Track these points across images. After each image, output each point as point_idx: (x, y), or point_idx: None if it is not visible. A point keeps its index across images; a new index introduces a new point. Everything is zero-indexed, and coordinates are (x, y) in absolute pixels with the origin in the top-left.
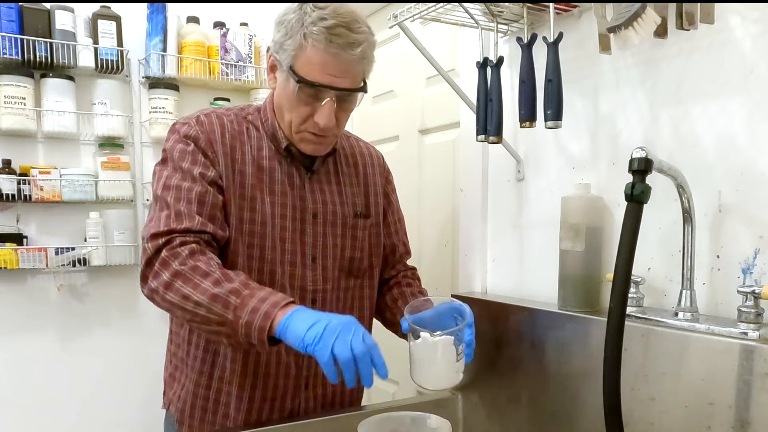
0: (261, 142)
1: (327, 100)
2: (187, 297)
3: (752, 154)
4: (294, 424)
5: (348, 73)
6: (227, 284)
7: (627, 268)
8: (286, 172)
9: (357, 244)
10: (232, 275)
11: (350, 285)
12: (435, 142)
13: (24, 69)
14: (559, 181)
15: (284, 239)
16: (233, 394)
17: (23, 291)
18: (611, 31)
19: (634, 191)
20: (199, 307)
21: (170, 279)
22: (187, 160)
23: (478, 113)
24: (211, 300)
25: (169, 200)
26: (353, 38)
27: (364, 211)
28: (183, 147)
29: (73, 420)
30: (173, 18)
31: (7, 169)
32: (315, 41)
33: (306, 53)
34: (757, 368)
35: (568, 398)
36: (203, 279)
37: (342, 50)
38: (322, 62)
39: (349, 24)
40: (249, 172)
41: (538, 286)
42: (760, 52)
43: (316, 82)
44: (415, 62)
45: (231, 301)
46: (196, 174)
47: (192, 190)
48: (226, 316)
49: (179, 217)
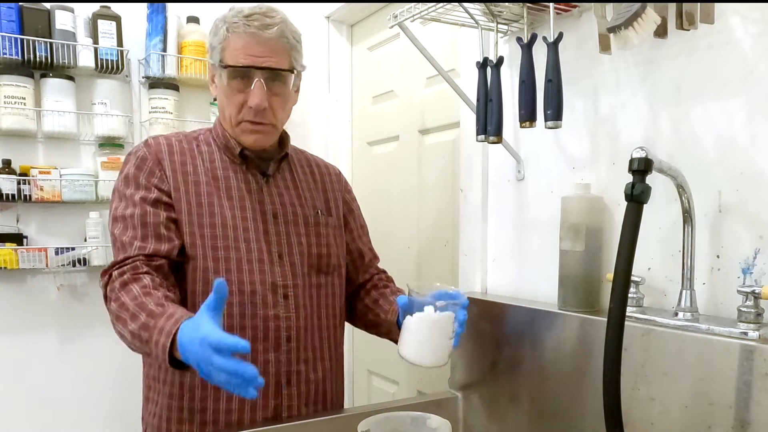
0: (213, 156)
1: (255, 81)
2: (122, 336)
3: (752, 154)
4: (294, 424)
5: (271, 53)
6: (140, 317)
7: (627, 268)
8: (242, 179)
9: (322, 240)
10: (146, 302)
11: (321, 282)
12: (435, 142)
13: (24, 69)
14: (559, 181)
15: (248, 239)
16: (210, 398)
17: (23, 291)
18: (611, 31)
19: (634, 191)
20: (133, 345)
21: (112, 319)
22: (131, 187)
23: (478, 113)
24: (134, 339)
25: (116, 233)
26: (268, 21)
27: (324, 210)
28: (125, 177)
29: (73, 420)
30: (173, 18)
31: (7, 169)
32: (234, 29)
33: (230, 43)
34: (757, 368)
35: (568, 398)
36: (127, 315)
37: (259, 30)
38: (244, 45)
39: (265, 12)
40: (203, 181)
41: (538, 286)
42: (760, 52)
43: (240, 64)
44: (415, 62)
45: (143, 336)
46: (136, 199)
47: (133, 216)
48: (149, 351)
49: (123, 249)
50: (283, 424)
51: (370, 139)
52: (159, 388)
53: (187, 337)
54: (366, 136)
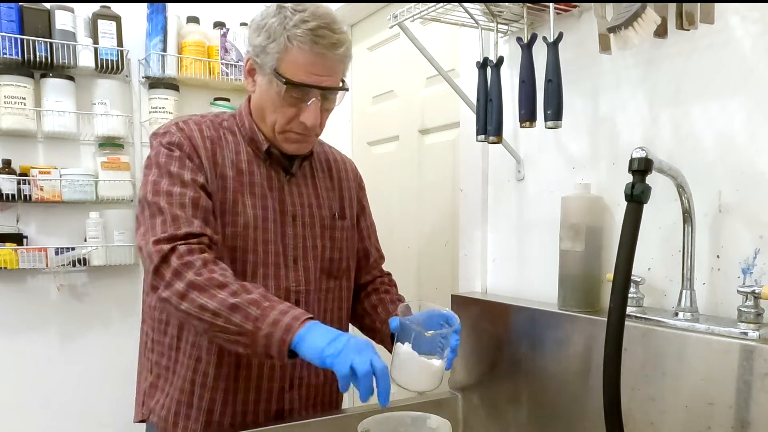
0: (238, 147)
1: (313, 100)
2: (203, 307)
3: (752, 154)
4: (294, 424)
5: (332, 72)
6: (246, 295)
7: (627, 268)
8: (266, 174)
9: (336, 244)
10: (250, 287)
11: (330, 286)
12: (435, 142)
13: (24, 69)
14: (559, 181)
15: (266, 241)
16: (218, 400)
17: (23, 291)
18: (611, 31)
19: (634, 191)
20: (217, 317)
21: (185, 289)
22: (175, 165)
23: (478, 113)
24: (230, 310)
25: (162, 205)
26: (336, 38)
27: (340, 213)
28: (168, 152)
29: (73, 419)
30: (173, 18)
31: (7, 169)
32: (300, 43)
33: (291, 55)
34: (757, 368)
35: (568, 398)
36: (220, 289)
37: (327, 50)
38: (308, 63)
39: (330, 25)
40: (229, 175)
41: (538, 286)
42: (760, 52)
43: (302, 83)
44: (415, 62)
45: (251, 312)
46: (187, 179)
47: (185, 194)
48: (245, 327)
49: (176, 222)
50: (283, 424)
51: (370, 139)
52: (171, 378)
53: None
54: (366, 136)
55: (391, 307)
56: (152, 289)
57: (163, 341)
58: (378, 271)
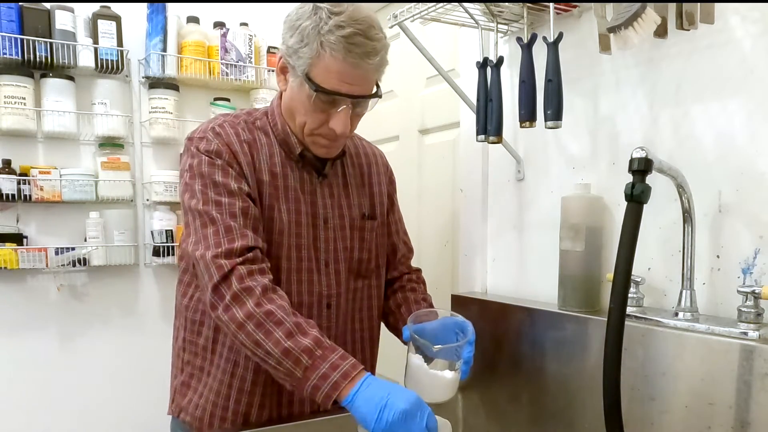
0: (272, 149)
1: (343, 108)
2: (258, 344)
3: (752, 154)
4: (294, 424)
5: (365, 81)
6: (301, 339)
7: (627, 268)
8: (298, 177)
9: (365, 245)
10: (306, 327)
11: (359, 286)
12: (435, 142)
13: (24, 69)
14: (559, 181)
15: (300, 246)
16: (255, 404)
17: (23, 291)
18: (611, 31)
19: (634, 191)
20: (269, 357)
21: (243, 320)
22: (219, 174)
23: (478, 113)
24: (283, 354)
25: (214, 215)
26: (371, 47)
27: (370, 213)
28: (210, 161)
29: (74, 419)
30: (173, 18)
31: (7, 169)
32: (333, 51)
33: (324, 62)
34: (757, 368)
35: (568, 398)
36: (276, 327)
37: (361, 59)
38: (340, 71)
39: (366, 32)
40: (265, 180)
41: (538, 286)
42: (760, 52)
43: (334, 91)
44: (415, 62)
45: (302, 360)
46: (233, 188)
47: (234, 204)
48: (295, 373)
49: (230, 233)
50: (283, 424)
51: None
52: (205, 380)
53: (383, 390)
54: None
55: (414, 307)
56: (211, 308)
57: (197, 342)
58: (406, 267)
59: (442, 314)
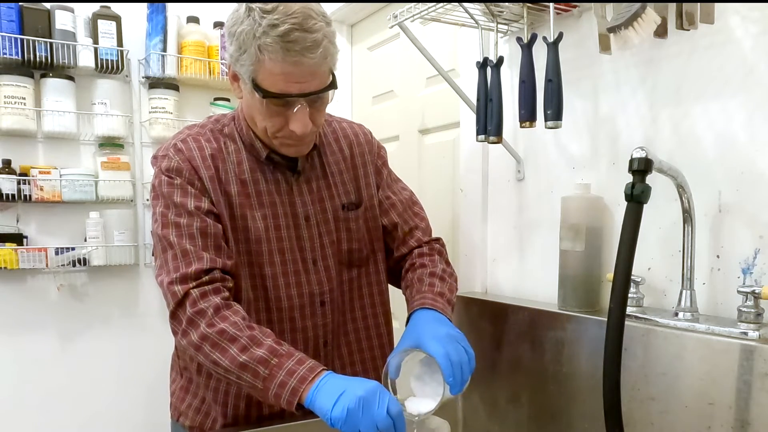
0: (240, 156)
1: (299, 107)
2: (216, 363)
3: (752, 154)
4: (294, 423)
5: (313, 76)
6: (255, 350)
7: (627, 268)
8: (271, 180)
9: (353, 235)
10: (260, 338)
11: (353, 275)
12: (435, 142)
13: (24, 69)
14: (559, 181)
15: (282, 250)
16: (254, 405)
17: (23, 291)
18: (611, 31)
19: (634, 191)
20: (229, 374)
21: (199, 342)
22: (177, 194)
23: (478, 113)
24: (240, 369)
25: (171, 239)
26: (311, 39)
27: (356, 199)
28: (169, 180)
29: (73, 419)
30: (173, 18)
31: (7, 169)
32: (271, 53)
33: (265, 66)
34: (757, 368)
35: (568, 398)
36: (231, 344)
37: (302, 56)
38: (284, 72)
39: (302, 24)
40: (234, 191)
41: (538, 286)
42: (760, 52)
43: (282, 93)
44: (415, 62)
45: (260, 371)
46: (191, 207)
47: (192, 225)
48: (256, 385)
49: (186, 257)
50: (283, 424)
51: None
52: (204, 383)
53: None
54: None
55: (422, 287)
56: (173, 334)
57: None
58: (415, 240)
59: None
